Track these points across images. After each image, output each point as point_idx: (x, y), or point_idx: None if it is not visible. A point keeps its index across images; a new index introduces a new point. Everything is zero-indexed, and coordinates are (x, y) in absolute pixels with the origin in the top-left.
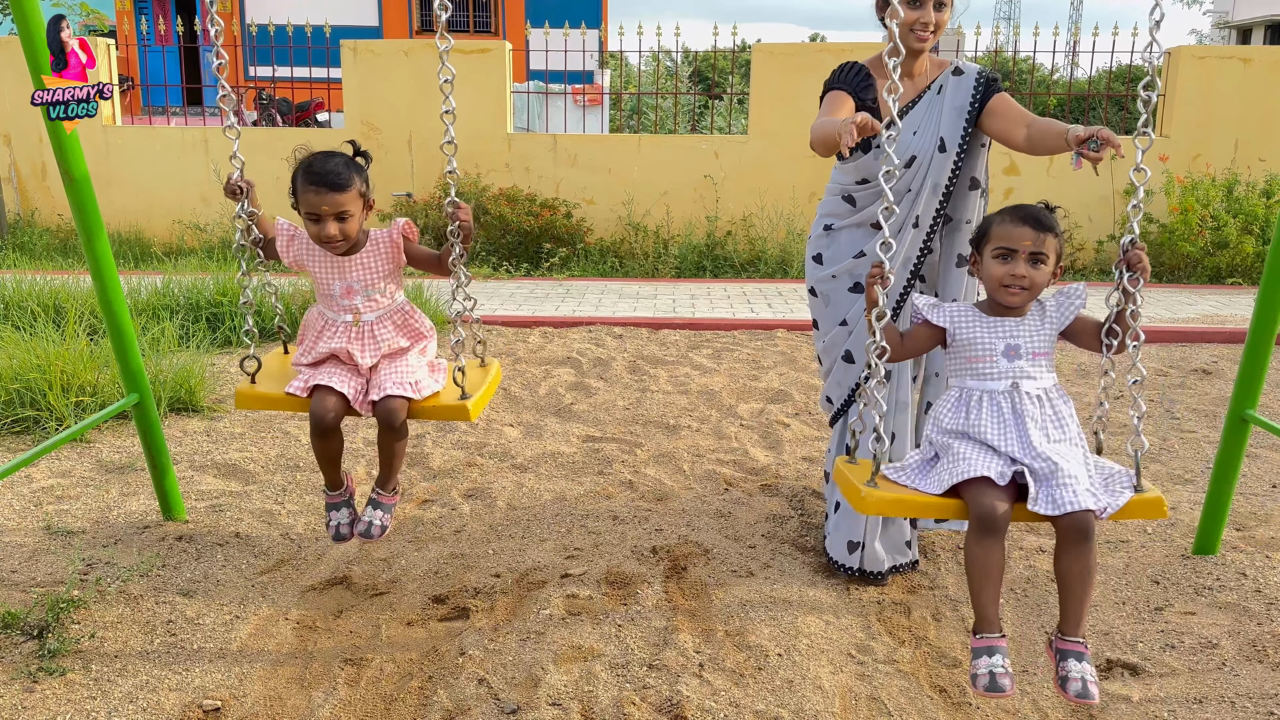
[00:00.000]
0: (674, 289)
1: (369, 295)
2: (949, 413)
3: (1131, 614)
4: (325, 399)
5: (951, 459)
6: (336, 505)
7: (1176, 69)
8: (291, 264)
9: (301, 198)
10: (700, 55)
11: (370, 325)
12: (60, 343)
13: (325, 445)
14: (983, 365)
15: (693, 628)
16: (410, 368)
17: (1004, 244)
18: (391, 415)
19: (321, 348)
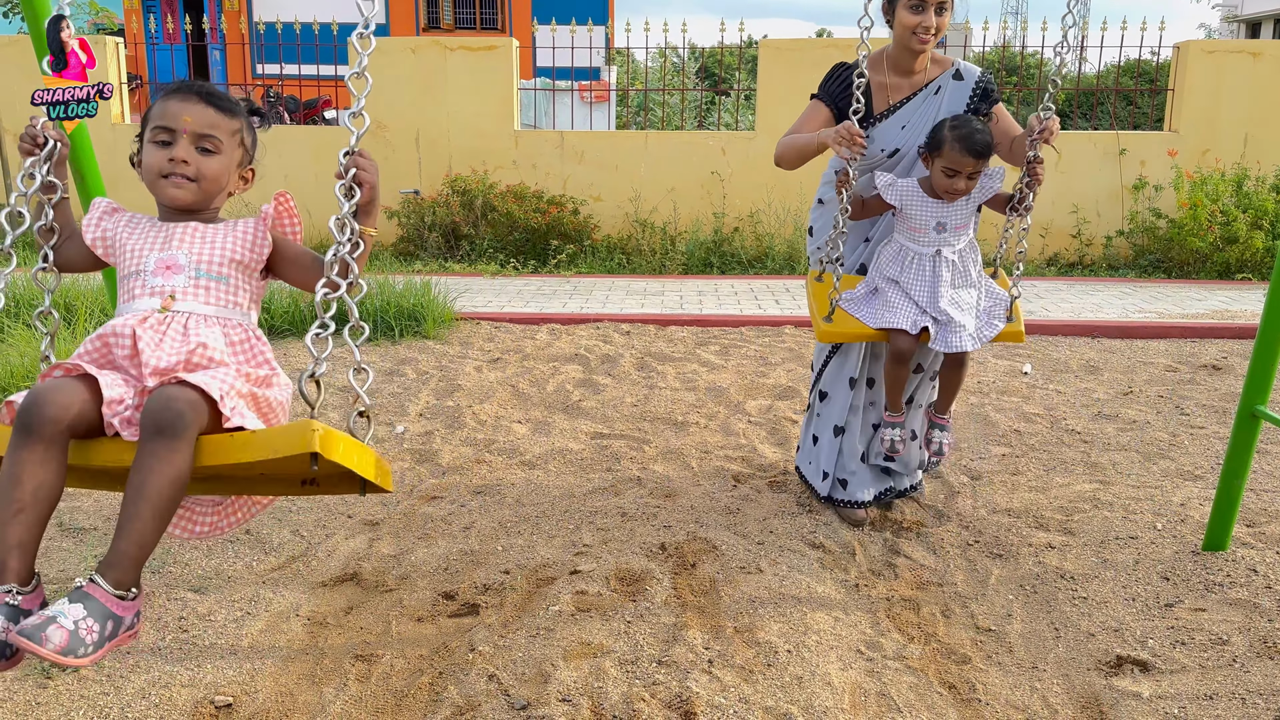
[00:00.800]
0: (681, 285)
1: (199, 278)
2: (889, 262)
3: (1141, 610)
4: (62, 384)
5: (884, 303)
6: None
7: (1185, 63)
8: (96, 242)
9: (157, 108)
10: (707, 51)
11: (185, 318)
12: (71, 340)
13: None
14: (918, 234)
15: (702, 624)
16: (228, 377)
17: (951, 166)
18: (169, 408)
19: (93, 338)
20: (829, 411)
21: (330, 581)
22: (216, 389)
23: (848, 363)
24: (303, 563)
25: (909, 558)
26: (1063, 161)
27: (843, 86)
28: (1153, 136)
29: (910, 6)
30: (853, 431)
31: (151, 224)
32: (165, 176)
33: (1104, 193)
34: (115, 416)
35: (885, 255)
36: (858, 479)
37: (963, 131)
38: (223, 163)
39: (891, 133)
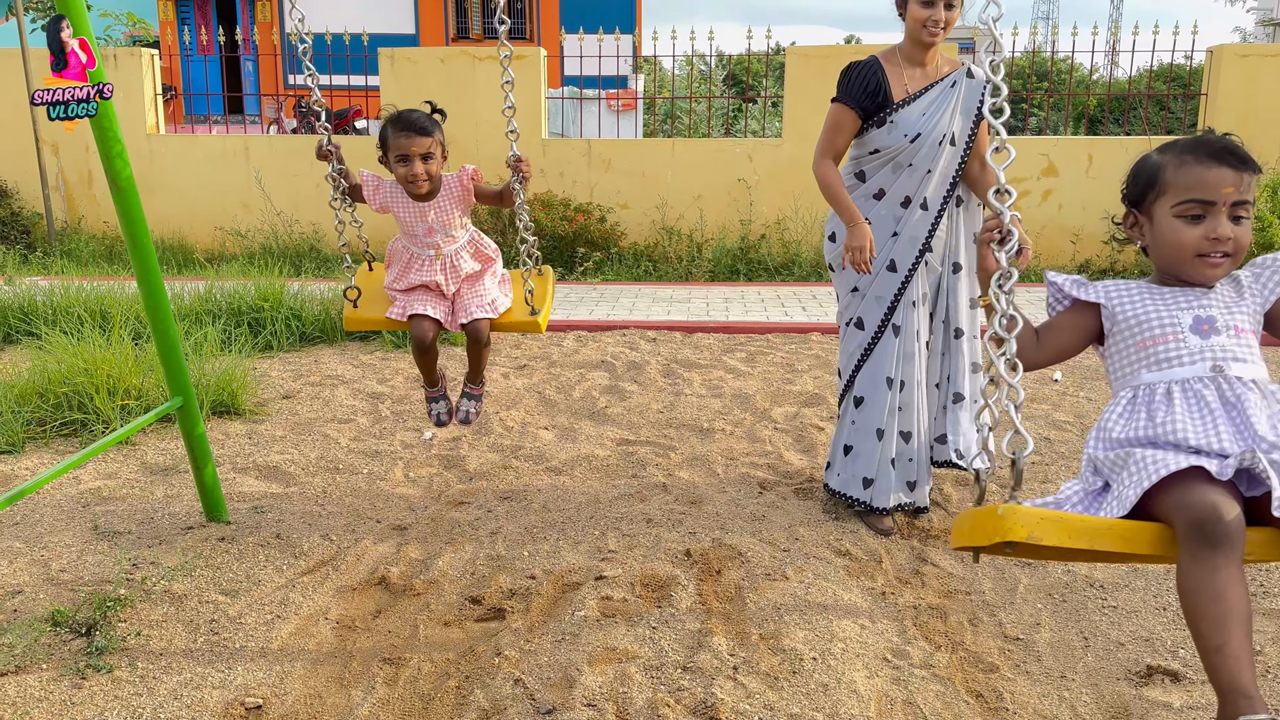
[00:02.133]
0: (707, 292)
1: (447, 232)
2: (1121, 421)
3: (1172, 619)
4: (422, 324)
5: (1137, 466)
6: (435, 399)
7: (1219, 67)
8: (378, 209)
9: (392, 143)
10: (734, 59)
11: (450, 257)
12: (106, 347)
13: (424, 358)
14: (1164, 347)
15: (727, 630)
16: (486, 289)
17: (1196, 195)
18: (478, 332)
19: (412, 278)
20: (867, 416)
21: (359, 585)
22: (489, 309)
23: (883, 365)
24: (332, 566)
25: (936, 565)
26: (1094, 167)
27: (861, 85)
28: None
29: (921, 1)
30: (890, 435)
31: (406, 200)
32: (410, 182)
33: None
34: (448, 323)
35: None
36: (882, 484)
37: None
38: (438, 163)
39: (912, 119)
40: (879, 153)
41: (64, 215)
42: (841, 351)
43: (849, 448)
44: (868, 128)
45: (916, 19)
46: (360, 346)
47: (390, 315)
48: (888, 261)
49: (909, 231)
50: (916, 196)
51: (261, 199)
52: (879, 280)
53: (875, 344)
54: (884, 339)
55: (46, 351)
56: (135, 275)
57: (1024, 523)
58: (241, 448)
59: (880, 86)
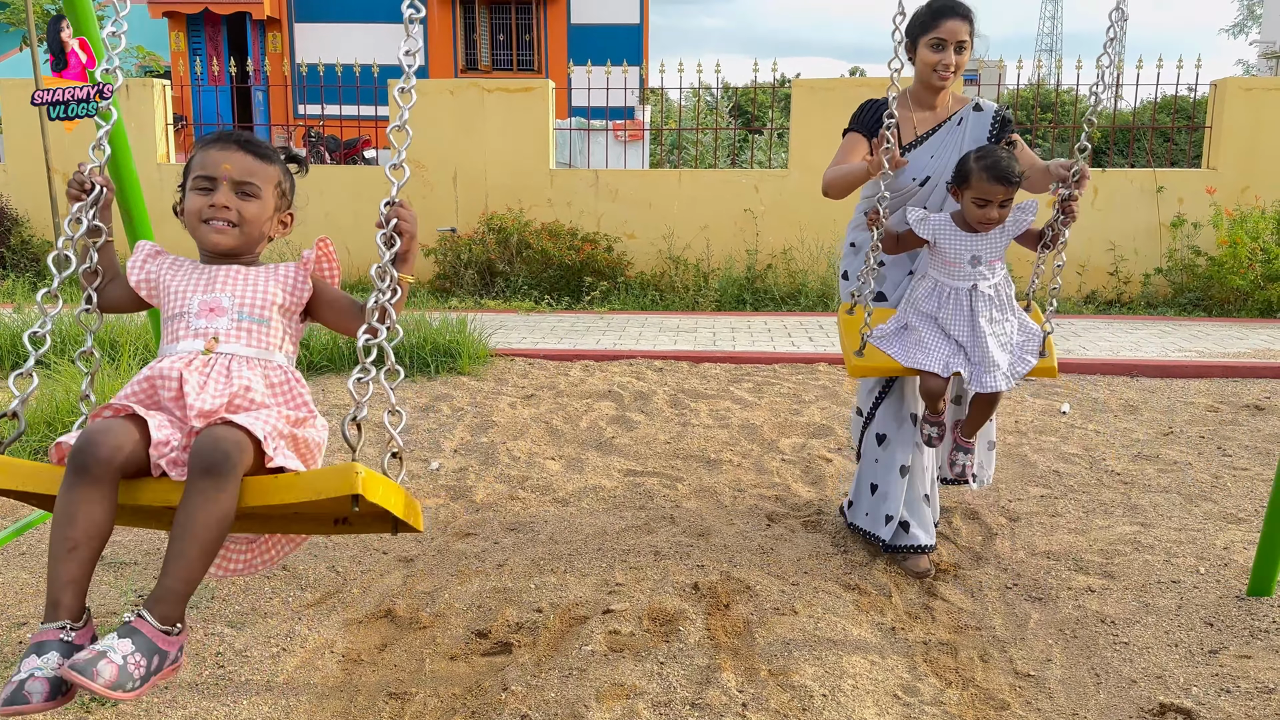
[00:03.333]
0: (714, 322)
1: (241, 320)
2: (924, 298)
3: (1185, 657)
4: (113, 425)
5: (916, 342)
6: (44, 646)
7: (1223, 100)
8: (140, 284)
9: (198, 158)
10: (740, 90)
11: (228, 360)
12: (114, 376)
13: (79, 508)
14: (953, 269)
15: (736, 666)
16: (270, 418)
17: (981, 196)
18: (216, 449)
19: (138, 376)
20: (891, 454)
21: (365, 618)
22: (260, 429)
23: (905, 401)
24: (338, 599)
25: (946, 600)
26: (1099, 199)
27: (875, 119)
28: (1191, 174)
29: (931, 45)
30: (917, 470)
31: (194, 266)
32: (207, 221)
33: (1141, 230)
34: (162, 458)
35: (920, 291)
36: (920, 520)
37: (989, 160)
38: (262, 206)
39: (921, 162)
40: (888, 196)
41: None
42: (860, 387)
43: (875, 486)
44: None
45: (927, 63)
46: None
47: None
48: (898, 299)
49: (907, 264)
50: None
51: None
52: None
53: (891, 382)
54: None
55: (55, 380)
56: None
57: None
58: None
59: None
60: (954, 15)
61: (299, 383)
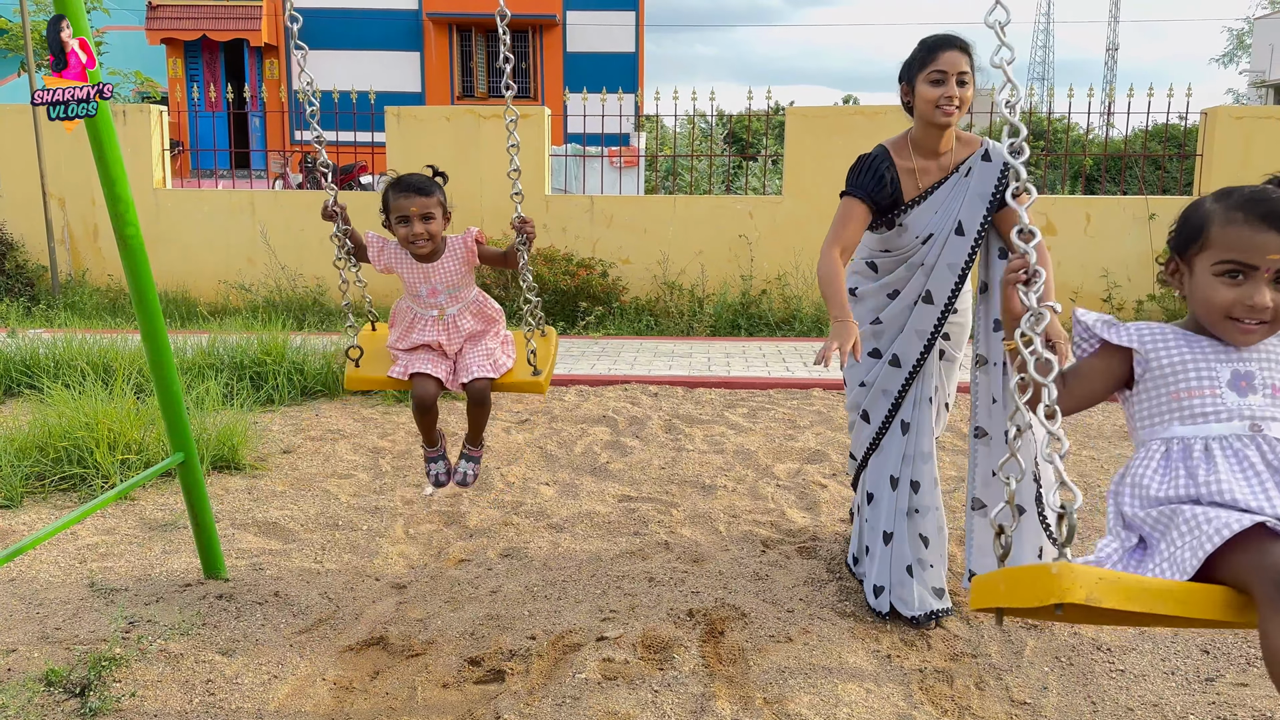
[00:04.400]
0: (709, 347)
1: (451, 293)
2: (1157, 476)
3: (1181, 684)
4: (424, 383)
5: (1189, 526)
6: (434, 459)
7: (1213, 129)
8: (383, 269)
9: (393, 204)
10: (735, 117)
11: (453, 317)
12: (108, 401)
13: (425, 418)
14: (1200, 401)
15: (730, 694)
16: (489, 349)
17: (1236, 257)
18: (480, 393)
19: (415, 338)
20: (876, 515)
21: (357, 645)
22: (491, 371)
23: (889, 459)
24: (330, 626)
25: (942, 628)
26: (1091, 226)
27: (872, 176)
28: (1182, 201)
29: (930, 80)
30: (901, 538)
31: (411, 261)
32: (410, 243)
33: (1134, 257)
34: (449, 384)
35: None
36: (901, 592)
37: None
38: (439, 223)
39: (925, 219)
40: (890, 252)
41: (69, 268)
42: (854, 439)
43: (868, 549)
44: (878, 225)
45: (928, 100)
46: (362, 401)
47: (392, 374)
48: (891, 356)
49: (914, 325)
50: (920, 292)
51: (266, 253)
52: (884, 374)
53: (881, 438)
54: (891, 434)
55: (48, 405)
56: (140, 329)
57: (1082, 583)
58: (241, 503)
59: (891, 180)
60: (951, 47)
61: (485, 299)
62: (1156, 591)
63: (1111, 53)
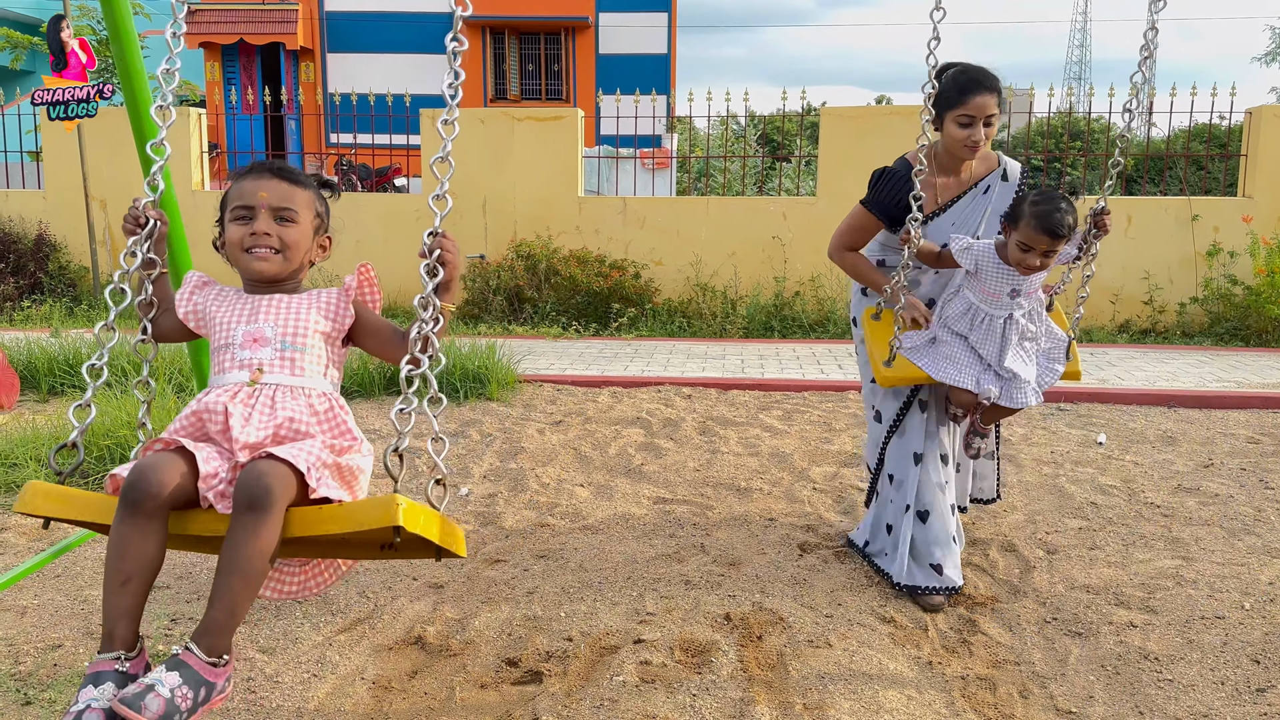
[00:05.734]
0: (742, 349)
1: (284, 349)
2: (957, 317)
3: (1231, 695)
4: (162, 459)
5: (947, 357)
6: (99, 676)
7: (1258, 128)
8: (189, 315)
9: (234, 190)
10: (767, 119)
11: (273, 391)
12: (161, 410)
13: (131, 542)
14: (992, 299)
15: (770, 699)
16: (313, 449)
17: (1027, 243)
18: (258, 484)
19: (187, 411)
20: (901, 495)
21: (395, 645)
22: (303, 462)
23: (909, 439)
24: (369, 625)
25: (984, 634)
26: (1132, 227)
27: (892, 196)
28: (1226, 202)
29: (959, 122)
30: (939, 512)
31: (239, 296)
32: (249, 250)
33: (1176, 259)
34: (210, 490)
35: (954, 309)
36: (951, 562)
37: (1042, 208)
38: (301, 231)
39: (943, 230)
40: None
41: (110, 269)
42: (868, 436)
43: (890, 527)
44: (896, 229)
45: (955, 139)
46: (395, 399)
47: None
48: None
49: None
50: (939, 298)
51: None
52: None
53: (894, 432)
54: (910, 415)
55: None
56: None
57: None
58: None
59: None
60: (982, 90)
61: (342, 409)
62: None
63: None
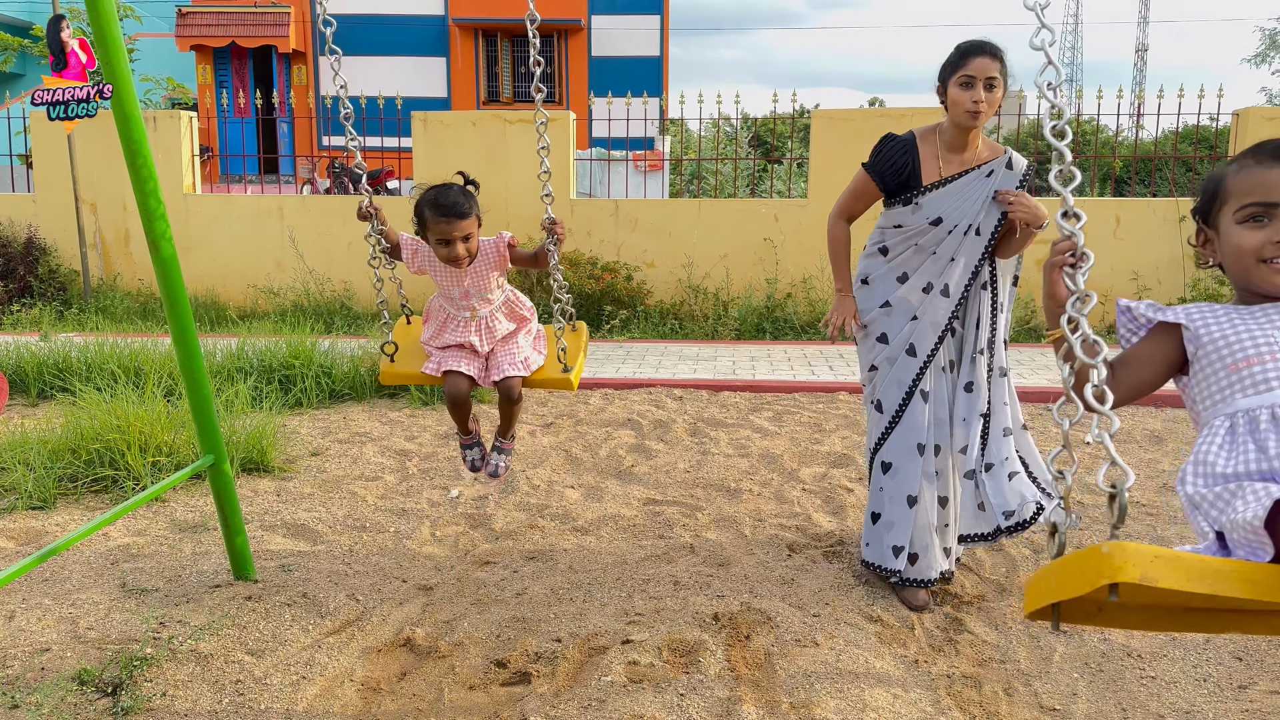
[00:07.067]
0: (734, 351)
1: (483, 295)
2: (1223, 453)
3: (1213, 692)
4: (457, 380)
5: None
6: (469, 445)
7: (1246, 129)
8: (416, 271)
9: (432, 227)
10: (759, 121)
11: (485, 319)
12: (139, 404)
13: (458, 412)
14: (1261, 368)
15: (757, 699)
16: (520, 347)
17: (1258, 199)
18: (510, 390)
19: (448, 338)
20: (898, 483)
21: (384, 646)
22: (521, 367)
23: (914, 429)
24: (357, 627)
25: (970, 633)
26: (1121, 228)
27: (889, 162)
28: None
29: (960, 84)
30: (924, 502)
31: (442, 266)
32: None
33: (1164, 260)
34: (481, 381)
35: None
36: (930, 554)
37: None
38: (476, 238)
39: (940, 203)
40: (902, 228)
41: (100, 273)
42: (869, 424)
43: (877, 515)
44: (894, 202)
45: (957, 103)
46: (389, 403)
47: (426, 369)
48: (907, 345)
49: (929, 316)
50: (939, 283)
51: (294, 257)
52: (899, 364)
53: (896, 423)
54: (913, 405)
55: (80, 407)
56: (171, 333)
57: (1135, 560)
58: (270, 505)
59: (909, 168)
60: (982, 53)
61: (517, 298)
62: (1217, 570)
63: (1141, 54)
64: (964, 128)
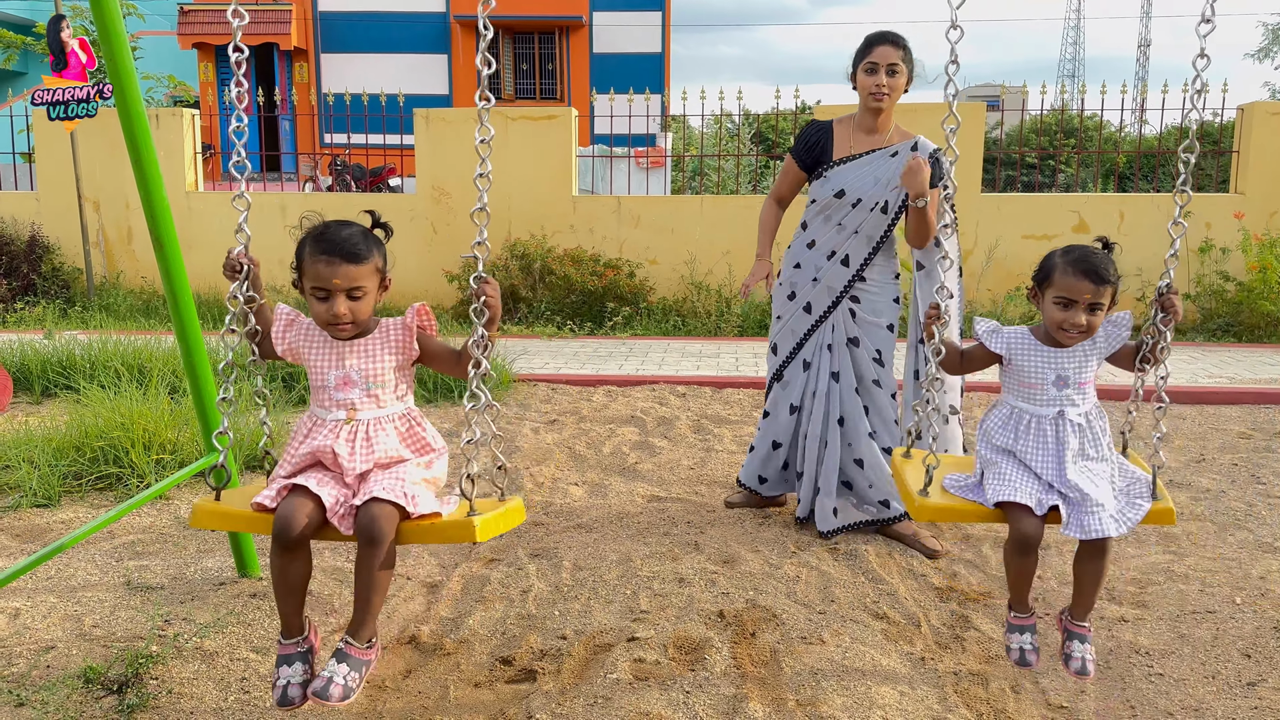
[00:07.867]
0: (737, 347)
1: (369, 389)
2: (999, 429)
3: (1222, 689)
4: (296, 504)
5: (998, 477)
6: (289, 658)
7: (1250, 124)
8: (285, 353)
9: (308, 269)
10: (761, 117)
11: (366, 425)
12: (143, 401)
13: (287, 568)
14: (1034, 391)
15: (763, 696)
16: (408, 478)
17: (1064, 294)
18: (374, 525)
19: (303, 449)
20: (769, 429)
21: (389, 644)
22: (400, 495)
23: (791, 390)
24: None
25: (977, 630)
26: (1124, 224)
27: (804, 140)
28: (1218, 199)
29: (865, 70)
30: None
31: (324, 338)
32: (329, 325)
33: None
34: (335, 517)
35: (992, 422)
36: (772, 483)
37: (1075, 255)
38: (369, 298)
39: (844, 177)
40: (815, 202)
41: (103, 270)
42: (767, 364)
43: (753, 448)
44: (812, 179)
45: (863, 87)
46: None
47: (257, 501)
48: (805, 304)
49: (826, 281)
50: (840, 252)
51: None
52: (796, 317)
53: (784, 370)
54: (793, 368)
55: (84, 405)
56: (174, 330)
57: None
58: None
59: (821, 144)
60: (885, 41)
61: (420, 424)
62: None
63: (1143, 49)
64: (872, 110)
